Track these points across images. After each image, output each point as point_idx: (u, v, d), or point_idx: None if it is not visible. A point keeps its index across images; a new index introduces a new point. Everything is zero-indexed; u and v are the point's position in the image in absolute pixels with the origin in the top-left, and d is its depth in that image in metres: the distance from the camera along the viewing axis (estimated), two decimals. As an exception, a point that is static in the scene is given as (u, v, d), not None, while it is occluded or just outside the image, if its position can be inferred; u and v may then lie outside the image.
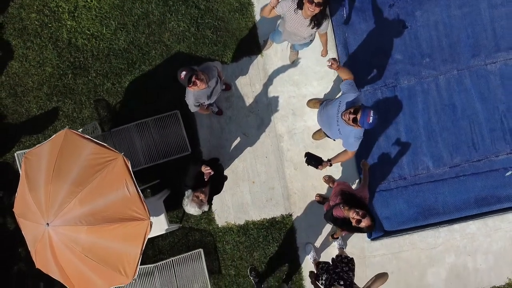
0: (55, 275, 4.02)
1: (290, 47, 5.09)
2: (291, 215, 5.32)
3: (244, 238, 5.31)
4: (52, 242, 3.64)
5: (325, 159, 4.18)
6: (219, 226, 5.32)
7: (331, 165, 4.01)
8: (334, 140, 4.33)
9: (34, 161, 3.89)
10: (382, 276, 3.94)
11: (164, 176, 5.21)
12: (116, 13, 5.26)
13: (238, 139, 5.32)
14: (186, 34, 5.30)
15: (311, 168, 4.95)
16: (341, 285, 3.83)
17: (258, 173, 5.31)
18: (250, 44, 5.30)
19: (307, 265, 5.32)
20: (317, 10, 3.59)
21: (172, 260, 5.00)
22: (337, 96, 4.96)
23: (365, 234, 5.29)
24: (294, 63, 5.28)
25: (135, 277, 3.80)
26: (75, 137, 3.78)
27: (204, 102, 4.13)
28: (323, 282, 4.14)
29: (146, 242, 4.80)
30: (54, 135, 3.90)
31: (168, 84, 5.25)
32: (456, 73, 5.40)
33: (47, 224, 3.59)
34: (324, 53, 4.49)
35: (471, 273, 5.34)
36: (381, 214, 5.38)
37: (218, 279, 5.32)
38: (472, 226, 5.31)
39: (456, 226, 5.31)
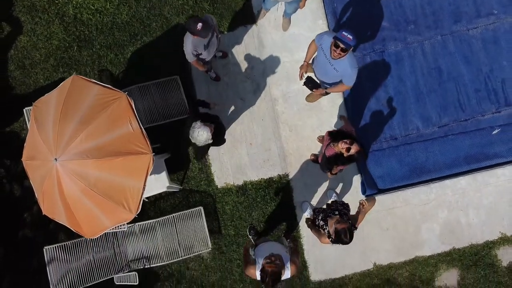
0: (62, 218, 4.20)
1: (283, 15, 5.43)
2: (287, 175, 5.51)
3: (242, 199, 5.49)
4: (59, 178, 3.84)
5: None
6: (219, 187, 5.51)
7: (326, 93, 4.26)
8: (330, 87, 4.48)
9: (43, 107, 4.14)
10: (370, 200, 4.11)
11: (164, 141, 5.42)
12: (119, -12, 5.62)
13: (235, 104, 5.58)
14: (185, 7, 5.64)
15: (307, 126, 5.23)
16: (336, 215, 4.00)
17: (255, 135, 5.54)
18: (245, 15, 5.64)
19: (305, 223, 5.47)
20: None
21: (173, 216, 5.17)
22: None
23: (359, 191, 5.47)
24: (287, 31, 5.59)
25: (138, 212, 3.98)
26: (82, 81, 4.04)
27: (201, 54, 4.40)
28: (319, 221, 4.30)
29: (148, 202, 5.04)
30: (62, 82, 4.16)
31: (169, 54, 5.55)
32: (440, 38, 5.72)
33: (55, 159, 3.79)
34: (302, 4, 4.76)
35: (464, 228, 5.49)
36: (374, 173, 5.58)
37: (218, 239, 5.47)
38: (462, 181, 5.50)
39: (447, 182, 5.50)
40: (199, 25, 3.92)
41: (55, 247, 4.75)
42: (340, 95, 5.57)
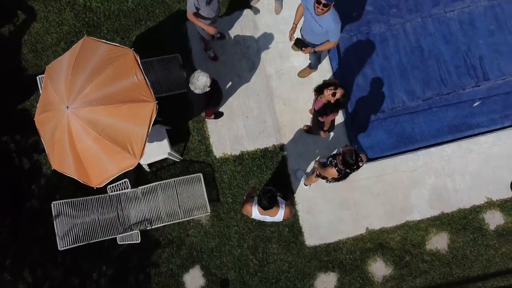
0: (70, 170, 4.51)
1: (275, 0, 5.95)
2: (282, 145, 5.84)
3: (240, 168, 5.79)
4: (70, 125, 4.18)
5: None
6: (217, 157, 5.82)
7: (315, 52, 4.68)
8: (317, 46, 4.88)
9: (56, 67, 4.54)
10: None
11: (166, 115, 5.76)
12: (125, -21, 6.17)
13: (233, 81, 5.99)
14: (186, -5, 6.16)
15: (299, 100, 5.63)
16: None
17: (251, 109, 5.92)
18: (241, 0, 6.15)
19: (299, 191, 5.75)
20: None
21: (174, 180, 5.46)
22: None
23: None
24: (279, 14, 6.09)
25: (142, 158, 4.29)
26: (92, 41, 4.47)
27: (201, 9, 4.70)
28: (329, 160, 4.60)
29: (150, 172, 5.34)
30: (74, 45, 4.58)
31: (171, 36, 6.02)
32: (420, 20, 6.21)
33: (67, 107, 4.15)
34: None
35: (451, 194, 5.75)
36: (363, 143, 5.92)
37: (216, 206, 5.72)
38: (447, 149, 5.82)
39: (433, 150, 5.82)
40: None
41: (62, 202, 5.00)
42: (329, 72, 5.99)
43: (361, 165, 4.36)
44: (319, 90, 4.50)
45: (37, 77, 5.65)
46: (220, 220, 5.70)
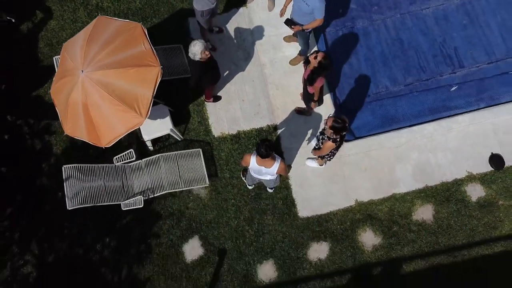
0: (82, 134, 4.97)
1: (268, 2, 6.65)
2: (275, 125, 6.31)
3: (236, 146, 6.23)
4: (84, 87, 4.69)
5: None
6: (215, 136, 6.28)
7: (303, 30, 5.26)
8: (305, 28, 5.48)
9: (71, 43, 5.12)
10: None
11: (169, 98, 6.28)
12: (134, -18, 6.90)
13: (230, 69, 6.55)
14: (187, -4, 6.88)
15: (291, 85, 6.18)
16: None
17: (247, 93, 6.45)
18: (237, 0, 6.85)
19: (292, 167, 6.15)
20: None
21: (175, 154, 5.89)
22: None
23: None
24: (271, 11, 6.77)
25: (147, 117, 4.76)
26: (105, 18, 5.08)
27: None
28: (319, 137, 5.10)
29: (153, 151, 5.79)
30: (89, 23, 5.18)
31: (174, 31, 6.65)
32: (399, 16, 6.89)
33: (82, 71, 4.68)
34: None
35: (434, 168, 6.16)
36: (351, 125, 6.40)
37: (215, 181, 6.10)
38: (428, 127, 6.30)
39: (415, 128, 6.30)
40: None
41: (72, 166, 5.39)
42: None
43: (347, 124, 4.81)
44: (306, 61, 5.05)
45: (53, 58, 6.22)
46: (218, 194, 6.06)
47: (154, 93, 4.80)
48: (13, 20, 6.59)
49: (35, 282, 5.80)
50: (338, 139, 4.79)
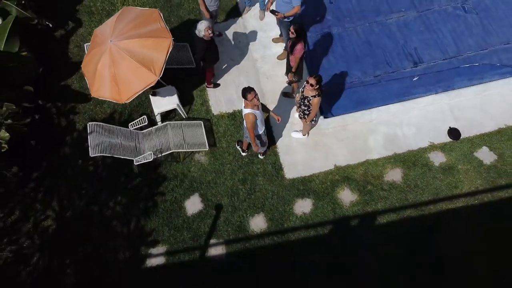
0: (106, 93, 6.14)
1: (259, 10, 8.17)
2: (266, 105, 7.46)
3: (232, 122, 7.35)
4: (112, 53, 5.94)
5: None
6: (215, 114, 7.42)
7: (284, 17, 6.61)
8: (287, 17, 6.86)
9: (101, 27, 6.48)
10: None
11: (176, 84, 7.48)
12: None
13: (228, 63, 7.87)
14: (194, 10, 8.39)
15: (278, 75, 7.48)
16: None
17: (241, 82, 7.69)
18: (234, 11, 8.37)
19: (280, 138, 7.21)
20: None
21: (181, 123, 6.98)
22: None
23: (321, 116, 7.36)
24: (262, 20, 8.26)
25: (160, 76, 5.95)
26: (129, 7, 6.48)
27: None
28: (301, 106, 6.27)
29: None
30: (116, 13, 6.58)
31: (181, 37, 8.06)
32: (367, 25, 8.36)
33: (110, 41, 5.98)
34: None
35: (401, 139, 7.21)
36: (330, 106, 7.56)
37: (213, 149, 7.13)
38: (392, 107, 7.45)
39: (383, 107, 7.44)
40: None
41: (95, 124, 6.46)
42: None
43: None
44: (288, 36, 6.36)
45: (84, 45, 7.56)
46: (216, 160, 7.06)
47: (167, 58, 6.04)
48: (51, 25, 8.04)
49: (54, 234, 6.59)
50: (320, 94, 5.90)
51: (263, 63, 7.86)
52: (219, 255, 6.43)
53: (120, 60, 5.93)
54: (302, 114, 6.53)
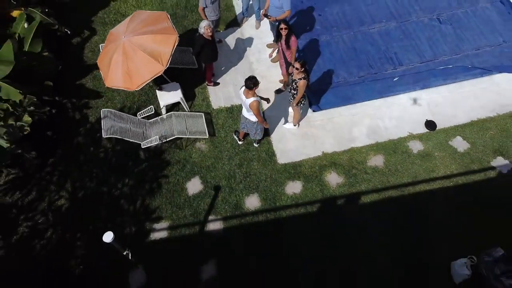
0: (119, 83, 6.97)
1: (255, 22, 9.17)
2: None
3: (230, 115, 8.14)
4: (125, 47, 6.83)
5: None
6: (214, 108, 8.22)
7: (276, 20, 7.53)
8: (277, 19, 7.81)
9: (116, 27, 7.41)
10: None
11: (180, 81, 8.34)
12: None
13: (226, 65, 8.77)
14: (197, 21, 9.39)
15: (272, 76, 8.37)
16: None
17: (239, 80, 8.55)
18: (233, 22, 9.37)
19: (274, 128, 7.98)
20: None
21: (184, 113, 7.77)
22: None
23: (309, 109, 8.16)
24: (258, 29, 9.24)
25: (166, 66, 6.80)
26: (141, 10, 7.43)
27: (206, 7, 7.80)
28: (291, 91, 7.08)
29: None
30: (129, 16, 7.54)
31: (186, 41, 9.02)
32: (352, 34, 9.32)
33: (124, 37, 6.88)
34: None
35: (383, 130, 7.97)
36: (317, 101, 8.38)
37: (213, 139, 7.88)
38: (376, 102, 8.27)
39: (366, 103, 8.26)
40: None
41: (108, 110, 7.25)
42: (293, 61, 8.80)
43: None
44: (278, 35, 7.27)
45: (100, 45, 8.48)
46: (215, 147, 7.80)
47: (173, 51, 6.91)
48: (69, 32, 9.01)
49: (67, 212, 7.23)
50: (306, 77, 6.72)
51: (258, 65, 8.74)
52: (217, 229, 7.04)
53: (132, 53, 6.80)
54: (292, 98, 7.30)
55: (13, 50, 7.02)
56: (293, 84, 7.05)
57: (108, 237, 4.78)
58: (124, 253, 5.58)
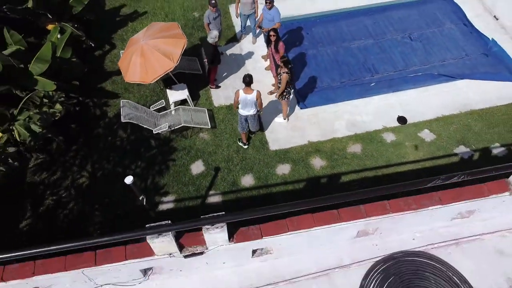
0: (136, 78, 8.39)
1: (252, 38, 10.76)
2: (255, 101, 9.64)
3: (229, 111, 9.47)
4: (143, 49, 8.30)
5: (271, 78, 9.26)
6: (216, 106, 9.58)
7: (268, 31, 9.03)
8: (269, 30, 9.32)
9: (135, 35, 8.94)
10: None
11: (186, 82, 9.76)
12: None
13: (227, 72, 10.22)
14: (202, 32, 10.99)
15: (266, 81, 9.84)
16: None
17: (238, 84, 9.93)
18: (233, 38, 10.95)
19: (268, 122, 9.28)
20: None
21: (189, 108, 9.11)
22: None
23: (297, 106, 9.50)
24: (254, 44, 10.80)
25: (177, 63, 8.23)
26: (155, 22, 8.98)
27: (210, 23, 9.39)
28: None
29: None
30: (146, 27, 9.09)
31: (193, 51, 10.54)
32: (335, 49, 10.86)
33: (142, 40, 8.38)
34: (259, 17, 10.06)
35: (361, 123, 9.26)
36: (304, 101, 9.74)
37: (214, 130, 9.16)
38: (355, 102, 9.61)
39: (346, 102, 9.61)
40: (213, 2, 9.12)
41: (127, 101, 8.59)
42: (284, 70, 10.25)
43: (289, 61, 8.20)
44: (268, 41, 8.76)
45: (120, 52, 9.96)
46: (216, 137, 9.06)
47: (182, 52, 8.36)
48: (93, 45, 10.56)
49: (87, 188, 8.38)
50: (288, 72, 8.09)
51: (254, 72, 10.11)
52: (216, 202, 8.14)
53: (149, 53, 8.25)
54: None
55: (51, 51, 8.46)
56: (278, 77, 8.42)
57: (128, 179, 5.93)
58: (140, 198, 6.66)
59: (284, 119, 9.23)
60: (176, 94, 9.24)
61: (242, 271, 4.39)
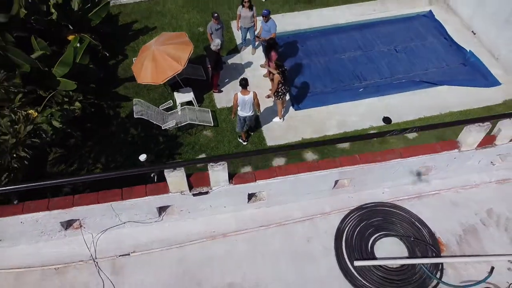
0: (147, 79, 9.43)
1: (251, 49, 11.89)
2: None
3: (230, 113, 10.44)
4: (154, 54, 9.38)
5: (267, 84, 10.36)
6: (218, 108, 10.57)
7: (265, 40, 10.12)
8: (266, 39, 10.43)
9: (147, 43, 10.05)
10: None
11: (192, 86, 10.79)
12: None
13: (228, 78, 11.27)
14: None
15: (263, 86, 10.90)
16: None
17: (238, 89, 10.94)
18: (234, 49, 12.07)
19: (266, 123, 10.24)
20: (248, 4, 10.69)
21: (194, 108, 10.10)
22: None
23: (292, 107, 10.49)
24: (254, 54, 11.91)
25: (184, 66, 9.27)
26: (166, 32, 10.11)
27: (212, 33, 10.53)
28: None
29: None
30: (157, 36, 10.20)
31: (197, 60, 11.62)
32: (327, 59, 11.95)
33: (153, 46, 9.46)
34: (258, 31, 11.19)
35: (350, 123, 10.20)
36: (299, 104, 10.74)
37: (216, 128, 10.11)
38: (345, 104, 10.60)
39: (337, 104, 10.59)
40: (215, 15, 10.27)
41: (138, 100, 9.58)
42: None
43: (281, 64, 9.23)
44: (266, 52, 9.83)
45: (133, 59, 11.04)
46: (218, 134, 10.00)
47: (189, 56, 9.42)
48: (107, 54, 11.67)
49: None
50: (280, 73, 9.11)
51: (253, 79, 11.23)
52: (218, 190, 8.97)
53: (160, 57, 9.32)
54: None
55: (72, 56, 9.53)
56: (270, 75, 9.42)
57: (142, 157, 6.83)
58: (152, 175, 7.52)
59: (280, 119, 10.19)
60: (183, 96, 10.25)
61: (239, 216, 5.22)
